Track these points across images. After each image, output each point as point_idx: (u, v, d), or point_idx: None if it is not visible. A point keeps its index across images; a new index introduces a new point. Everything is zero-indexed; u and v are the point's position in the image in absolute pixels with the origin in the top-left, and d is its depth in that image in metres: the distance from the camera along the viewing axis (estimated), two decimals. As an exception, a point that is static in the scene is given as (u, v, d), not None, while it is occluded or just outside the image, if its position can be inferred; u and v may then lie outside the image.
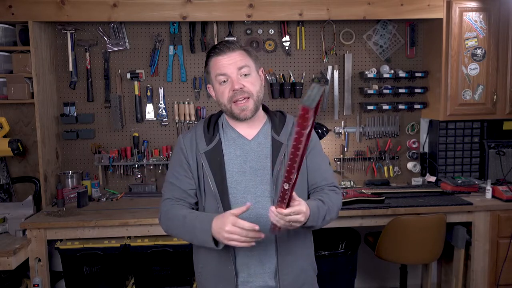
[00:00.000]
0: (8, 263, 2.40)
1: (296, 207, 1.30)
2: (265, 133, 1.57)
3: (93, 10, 2.78)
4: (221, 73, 1.50)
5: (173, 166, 1.59)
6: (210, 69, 1.54)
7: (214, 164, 1.51)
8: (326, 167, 1.64)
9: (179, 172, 1.56)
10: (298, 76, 3.25)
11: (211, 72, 1.53)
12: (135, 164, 3.13)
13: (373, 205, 2.77)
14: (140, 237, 2.68)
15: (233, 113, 1.51)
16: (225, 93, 1.50)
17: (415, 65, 3.31)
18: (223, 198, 1.49)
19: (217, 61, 1.51)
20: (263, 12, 2.87)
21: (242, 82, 1.49)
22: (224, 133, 1.58)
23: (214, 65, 1.52)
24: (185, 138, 1.59)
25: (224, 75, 1.49)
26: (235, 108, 1.50)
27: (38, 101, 2.82)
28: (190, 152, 1.55)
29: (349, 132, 3.31)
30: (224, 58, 1.50)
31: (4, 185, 3.01)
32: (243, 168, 1.52)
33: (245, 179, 1.51)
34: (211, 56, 1.53)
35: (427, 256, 2.77)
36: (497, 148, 3.20)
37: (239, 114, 1.50)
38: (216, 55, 1.51)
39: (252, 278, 1.51)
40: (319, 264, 1.70)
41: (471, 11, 2.94)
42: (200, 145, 1.54)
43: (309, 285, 1.60)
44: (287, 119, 1.61)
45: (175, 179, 1.57)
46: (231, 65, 1.49)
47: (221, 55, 1.50)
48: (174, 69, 3.18)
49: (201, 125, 1.59)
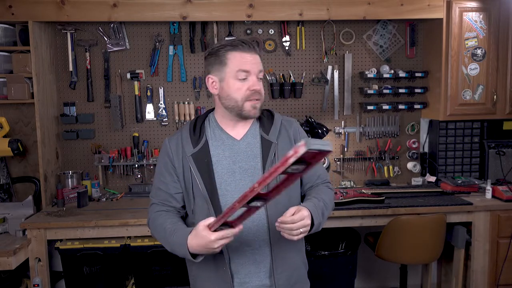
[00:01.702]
0: (8, 263, 2.40)
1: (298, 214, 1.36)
2: (254, 132, 1.56)
3: (93, 10, 2.78)
4: (246, 69, 1.46)
5: (159, 170, 1.59)
6: (228, 62, 1.47)
7: (201, 166, 1.50)
8: (319, 165, 1.68)
9: (165, 176, 1.56)
10: (298, 76, 3.25)
11: (229, 64, 1.47)
12: (135, 164, 3.13)
13: (373, 205, 2.77)
14: (140, 237, 2.68)
15: (244, 110, 1.49)
16: (242, 90, 1.47)
17: (415, 65, 3.31)
18: (213, 199, 1.48)
19: (242, 57, 1.46)
20: (263, 12, 2.87)
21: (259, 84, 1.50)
22: (212, 133, 1.55)
23: (238, 60, 1.46)
24: (171, 141, 1.57)
25: (248, 72, 1.46)
26: (247, 105, 1.48)
27: (38, 101, 2.82)
28: (176, 155, 1.54)
29: (349, 132, 3.31)
30: (250, 56, 1.47)
31: (4, 185, 3.01)
32: (232, 169, 1.51)
33: (235, 180, 1.50)
34: (232, 49, 1.47)
35: (427, 256, 2.77)
36: (497, 148, 3.20)
37: (249, 111, 1.49)
38: (240, 50, 1.46)
39: (248, 278, 1.51)
40: (319, 264, 1.71)
41: (471, 11, 2.94)
42: (187, 148, 1.52)
43: (302, 282, 1.62)
44: (275, 118, 1.60)
45: (161, 183, 1.57)
46: (255, 65, 1.48)
47: (247, 52, 1.47)
48: (174, 69, 3.18)
49: (187, 128, 1.57)
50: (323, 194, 1.58)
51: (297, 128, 1.64)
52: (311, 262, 2.70)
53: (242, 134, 1.55)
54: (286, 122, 1.62)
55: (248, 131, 1.56)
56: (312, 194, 1.58)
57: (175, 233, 1.45)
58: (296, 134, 1.61)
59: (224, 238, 1.31)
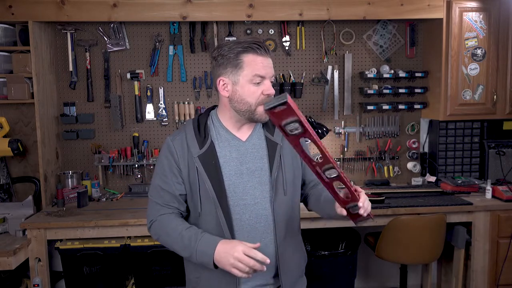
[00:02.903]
0: (8, 263, 2.40)
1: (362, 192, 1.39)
2: (259, 134, 1.56)
3: (93, 10, 2.78)
4: (262, 74, 1.44)
5: (162, 170, 1.53)
6: (244, 65, 1.44)
7: (209, 167, 1.47)
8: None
9: (169, 176, 1.52)
10: (298, 76, 3.25)
11: (245, 68, 1.44)
12: (135, 164, 3.13)
13: (373, 205, 2.75)
14: (140, 237, 2.68)
15: (256, 114, 1.47)
16: (256, 94, 1.45)
17: (415, 65, 3.31)
18: (221, 201, 1.46)
19: (256, 61, 1.44)
20: (263, 12, 2.87)
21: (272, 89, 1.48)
22: (217, 134, 1.53)
23: (254, 64, 1.44)
24: (175, 141, 1.52)
25: (264, 77, 1.45)
26: (260, 109, 1.45)
27: (38, 101, 2.82)
28: (182, 156, 1.50)
29: (349, 132, 3.31)
30: (265, 60, 1.46)
31: (4, 185, 3.01)
32: (240, 170, 1.49)
33: (243, 181, 1.49)
34: (247, 51, 1.44)
35: (427, 256, 2.77)
36: (497, 148, 3.20)
37: (261, 115, 1.47)
38: (257, 54, 1.44)
39: (253, 278, 1.50)
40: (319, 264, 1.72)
41: (471, 11, 2.94)
42: (193, 148, 1.49)
43: (302, 276, 1.65)
44: None
45: (164, 184, 1.52)
46: (269, 69, 1.47)
47: (263, 56, 1.45)
48: (174, 69, 3.18)
49: (190, 127, 1.53)
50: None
51: None
52: (311, 262, 2.71)
53: (247, 135, 1.55)
54: None
55: (253, 132, 1.56)
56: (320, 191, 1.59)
57: (199, 240, 1.42)
58: None
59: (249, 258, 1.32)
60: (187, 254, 1.45)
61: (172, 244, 1.49)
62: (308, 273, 1.71)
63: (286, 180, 1.53)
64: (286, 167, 1.53)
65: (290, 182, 1.55)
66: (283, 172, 1.52)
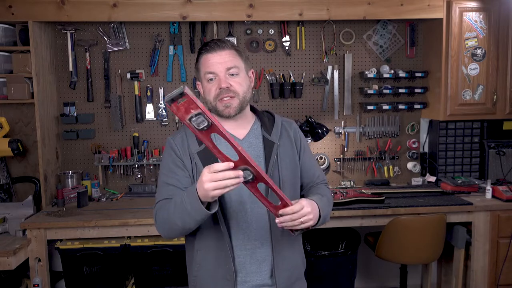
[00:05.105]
0: (8, 263, 2.40)
1: (296, 204, 1.35)
2: (256, 133, 1.57)
3: (93, 10, 2.78)
4: (210, 71, 1.49)
5: (167, 167, 1.52)
6: (200, 66, 1.53)
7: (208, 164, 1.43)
8: (317, 165, 1.72)
9: (174, 171, 1.51)
10: (298, 76, 3.25)
11: (200, 69, 1.53)
12: (135, 164, 3.13)
13: (373, 205, 2.77)
14: (140, 237, 2.68)
15: (218, 110, 1.51)
16: (212, 90, 1.49)
17: (415, 65, 3.31)
18: (219, 198, 1.44)
19: (206, 59, 1.50)
20: (263, 12, 2.87)
21: (229, 81, 1.48)
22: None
23: (204, 63, 1.51)
24: (175, 139, 1.55)
25: (213, 73, 1.49)
26: (219, 105, 1.49)
27: (38, 101, 2.82)
28: (183, 152, 1.51)
29: (349, 132, 3.31)
30: (214, 57, 1.49)
31: (4, 185, 3.01)
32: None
33: None
34: (201, 53, 1.52)
35: (427, 256, 2.77)
36: (497, 148, 3.20)
37: (222, 111, 1.50)
38: (206, 52, 1.50)
39: (249, 277, 1.52)
40: (319, 264, 1.72)
41: (471, 11, 2.94)
42: (192, 145, 1.51)
43: (300, 280, 1.63)
44: (276, 119, 1.62)
45: (171, 179, 1.50)
46: (220, 64, 1.48)
47: (211, 52, 1.49)
48: (174, 69, 3.18)
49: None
50: (322, 190, 1.62)
51: (297, 128, 1.67)
52: (311, 262, 2.72)
53: (244, 134, 1.56)
54: (286, 123, 1.64)
55: (250, 131, 1.57)
56: (313, 191, 1.61)
57: (183, 194, 1.38)
58: (296, 135, 1.64)
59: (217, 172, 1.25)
60: (186, 214, 1.37)
61: (174, 217, 1.41)
62: (308, 273, 1.70)
63: (283, 180, 1.53)
64: (283, 167, 1.54)
65: (288, 181, 1.55)
66: (279, 171, 1.53)
